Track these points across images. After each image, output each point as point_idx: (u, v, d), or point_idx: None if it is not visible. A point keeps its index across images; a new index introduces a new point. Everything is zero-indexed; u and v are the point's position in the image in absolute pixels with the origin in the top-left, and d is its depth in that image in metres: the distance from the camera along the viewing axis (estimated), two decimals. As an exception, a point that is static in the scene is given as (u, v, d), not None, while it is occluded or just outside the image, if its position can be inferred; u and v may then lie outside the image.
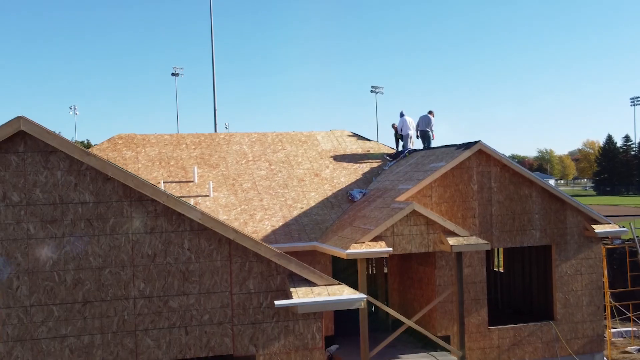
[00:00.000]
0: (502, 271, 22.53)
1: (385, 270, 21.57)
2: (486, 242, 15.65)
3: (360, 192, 19.07)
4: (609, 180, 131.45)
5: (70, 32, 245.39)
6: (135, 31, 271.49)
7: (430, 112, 22.31)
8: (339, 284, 9.24)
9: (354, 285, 16.05)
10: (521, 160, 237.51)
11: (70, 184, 8.68)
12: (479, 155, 17.27)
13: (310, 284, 9.13)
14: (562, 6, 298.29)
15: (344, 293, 8.91)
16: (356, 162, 21.21)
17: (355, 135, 23.30)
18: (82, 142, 61.91)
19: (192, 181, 19.00)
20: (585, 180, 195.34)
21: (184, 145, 20.90)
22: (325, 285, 9.13)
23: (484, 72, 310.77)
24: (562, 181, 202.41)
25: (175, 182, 18.95)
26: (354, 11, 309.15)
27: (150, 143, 20.79)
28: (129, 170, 19.32)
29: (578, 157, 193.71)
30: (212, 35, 47.12)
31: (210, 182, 18.69)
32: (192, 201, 17.97)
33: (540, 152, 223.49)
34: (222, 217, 17.52)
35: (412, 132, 22.11)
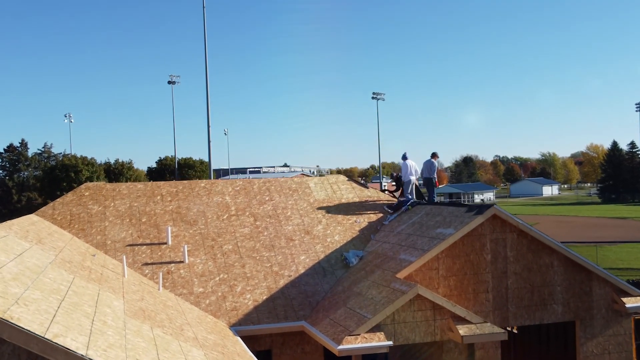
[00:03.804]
0: (516, 332, 20.21)
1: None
2: (503, 330, 13.40)
3: (357, 255, 16.76)
4: (613, 187, 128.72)
5: (69, 39, 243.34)
6: (133, 37, 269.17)
7: (433, 155, 20.08)
8: None
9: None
10: (524, 163, 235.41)
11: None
12: (493, 221, 14.97)
13: None
14: (566, 8, 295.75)
15: None
16: (353, 215, 18.87)
17: (351, 180, 20.97)
18: (70, 157, 59.45)
19: (166, 243, 16.70)
20: (589, 184, 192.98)
21: (158, 197, 18.58)
22: None
23: (484, 73, 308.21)
24: (565, 185, 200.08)
25: (146, 244, 16.65)
26: (355, 14, 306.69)
27: (121, 195, 18.48)
28: (95, 229, 17.11)
29: (581, 159, 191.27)
30: (205, 52, 44.84)
31: (185, 245, 16.38)
32: (164, 269, 15.69)
33: (543, 155, 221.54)
34: (197, 290, 15.23)
35: (414, 178, 19.83)
